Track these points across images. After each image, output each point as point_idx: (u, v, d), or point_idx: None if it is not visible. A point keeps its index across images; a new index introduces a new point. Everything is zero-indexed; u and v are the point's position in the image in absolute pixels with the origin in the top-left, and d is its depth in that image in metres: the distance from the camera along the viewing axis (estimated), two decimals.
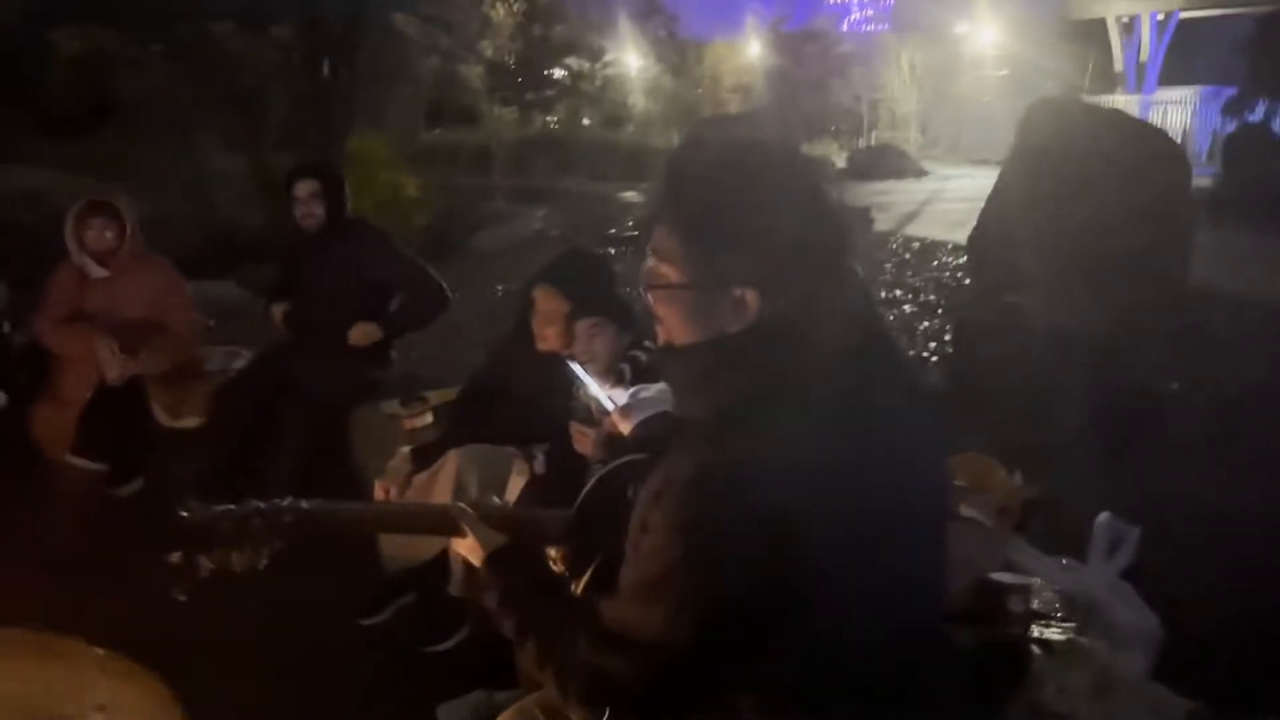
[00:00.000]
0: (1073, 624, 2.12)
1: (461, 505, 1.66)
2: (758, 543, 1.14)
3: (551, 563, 1.66)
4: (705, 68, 23.70)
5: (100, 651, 2.84)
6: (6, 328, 4.15)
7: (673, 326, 1.32)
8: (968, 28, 20.56)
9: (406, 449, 3.29)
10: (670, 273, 1.30)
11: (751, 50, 22.46)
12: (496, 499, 2.03)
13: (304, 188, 4.03)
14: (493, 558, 1.55)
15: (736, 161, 1.30)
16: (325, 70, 11.21)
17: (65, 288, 4.03)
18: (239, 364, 4.28)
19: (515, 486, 3.05)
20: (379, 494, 3.21)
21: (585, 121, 22.05)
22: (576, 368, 2.29)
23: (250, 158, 11.02)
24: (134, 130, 10.72)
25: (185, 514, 1.48)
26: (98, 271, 4.00)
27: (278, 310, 4.19)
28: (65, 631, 2.89)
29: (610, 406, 2.13)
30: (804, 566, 1.15)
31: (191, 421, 4.05)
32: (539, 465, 3.00)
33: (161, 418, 4.08)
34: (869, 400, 1.26)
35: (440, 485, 3.15)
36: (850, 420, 1.22)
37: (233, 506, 1.56)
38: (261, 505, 1.58)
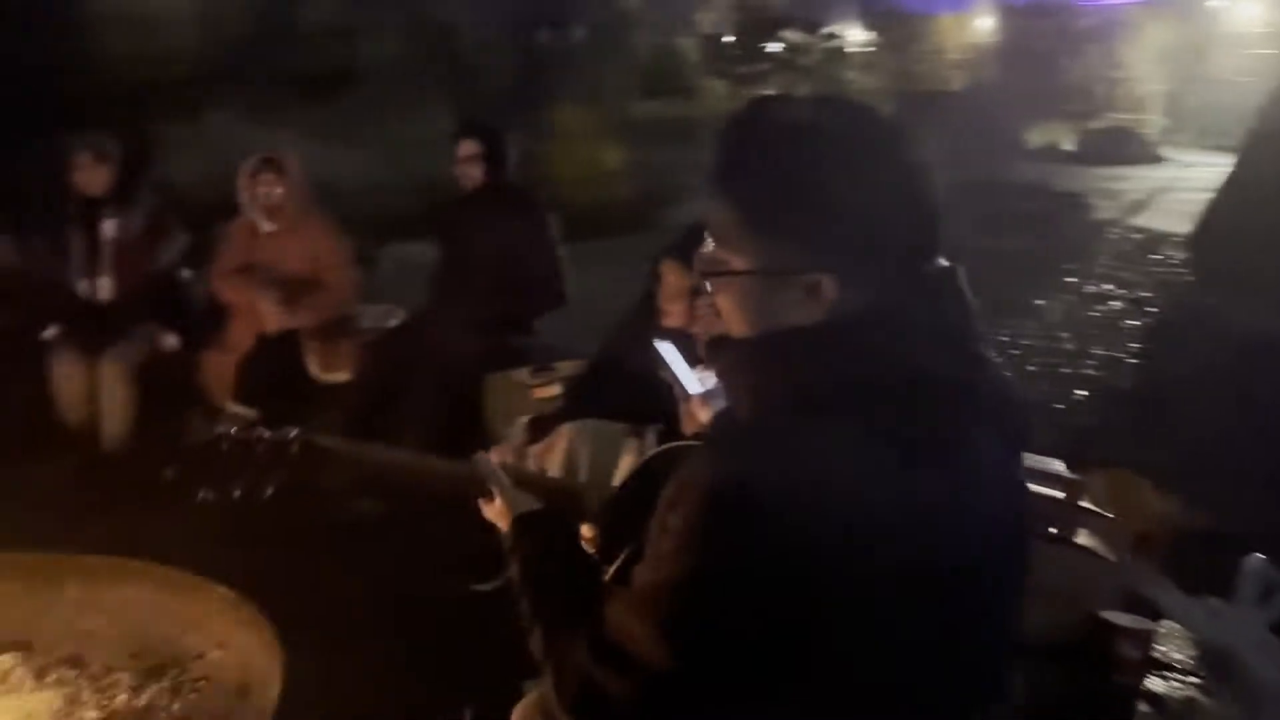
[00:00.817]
0: (1198, 680, 1.82)
1: (491, 462, 1.56)
2: (771, 575, 0.99)
3: (586, 544, 1.55)
4: (929, 42, 22.72)
5: (222, 590, 2.99)
6: (187, 275, 4.41)
7: (732, 318, 1.16)
8: (1226, 1, 18.76)
9: (525, 418, 3.26)
10: (730, 258, 1.13)
11: (980, 25, 21.35)
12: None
13: (465, 148, 4.07)
14: (519, 522, 1.44)
15: (809, 123, 1.11)
16: (542, 40, 11.44)
17: (237, 240, 4.26)
18: (392, 322, 4.39)
19: (626, 465, 2.96)
20: (495, 460, 3.19)
21: None
22: (665, 347, 2.17)
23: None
24: (367, 96, 11.30)
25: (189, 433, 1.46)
26: (266, 225, 4.20)
27: None
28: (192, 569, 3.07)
29: (694, 390, 2.01)
30: (826, 612, 0.99)
31: (342, 376, 4.18)
32: (650, 444, 2.90)
33: (315, 370, 4.24)
34: (943, 433, 1.06)
35: (553, 458, 3.10)
36: (913, 453, 1.03)
37: (234, 429, 1.51)
38: (266, 433, 1.53)
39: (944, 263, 1.13)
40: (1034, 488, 2.46)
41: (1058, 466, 2.45)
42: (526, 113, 10.63)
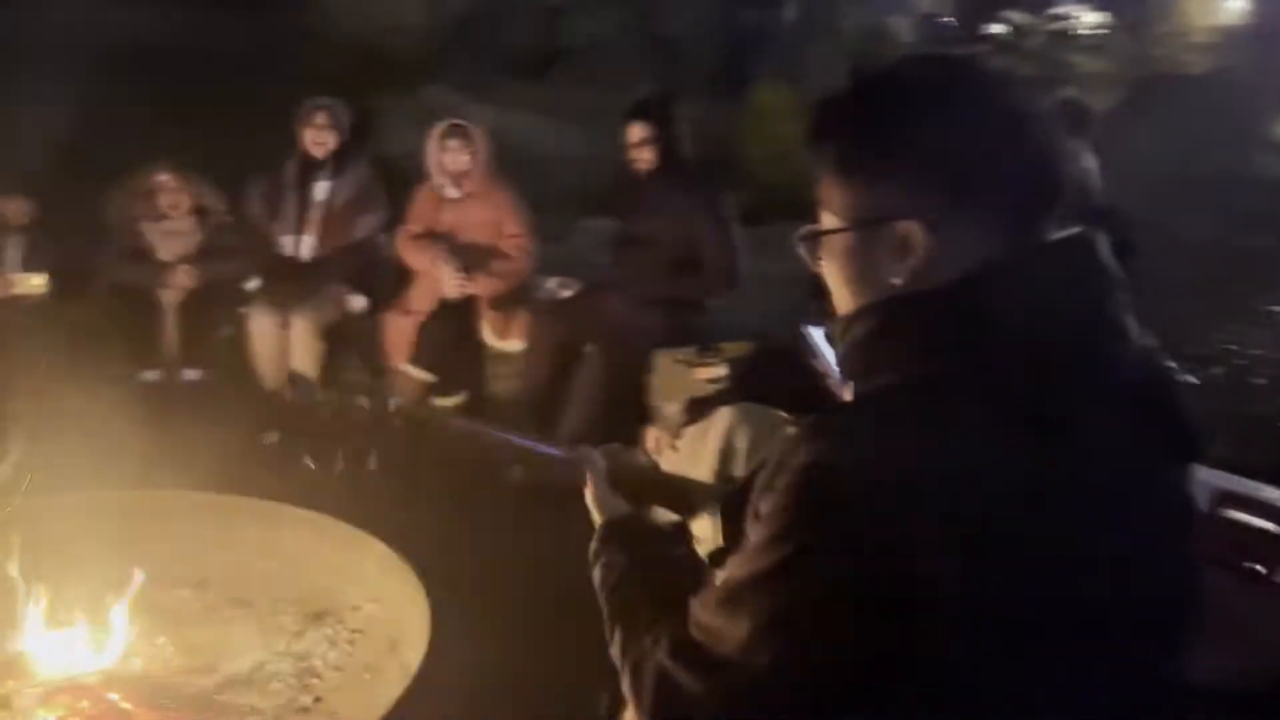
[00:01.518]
0: None
1: (594, 455, 1.49)
2: (864, 567, 0.88)
3: (694, 543, 1.46)
4: (1170, 24, 21.01)
5: (381, 547, 3.07)
6: (384, 240, 4.57)
7: (837, 290, 1.07)
8: None
9: (685, 398, 3.17)
10: (828, 220, 1.05)
11: (1231, 6, 19.56)
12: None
13: (634, 132, 4.00)
14: (604, 528, 1.37)
15: (898, 73, 1.04)
16: (750, 19, 11.31)
17: (422, 206, 4.37)
18: (566, 294, 4.39)
19: None
20: (649, 442, 3.13)
21: None
22: (813, 332, 2.03)
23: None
24: (575, 73, 11.50)
25: (288, 396, 1.45)
26: (451, 192, 4.28)
27: None
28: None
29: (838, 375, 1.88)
30: (929, 609, 0.87)
31: (516, 344, 4.23)
32: None
33: (489, 338, 4.31)
34: (1052, 410, 0.92)
35: (710, 441, 2.99)
36: (1018, 431, 0.90)
37: (336, 394, 1.49)
38: (366, 402, 1.50)
39: (1076, 230, 1.00)
40: (1238, 515, 2.18)
41: (1274, 495, 2.15)
42: (731, 91, 10.52)
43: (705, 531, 1.48)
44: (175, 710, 2.46)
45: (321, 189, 4.38)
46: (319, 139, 4.39)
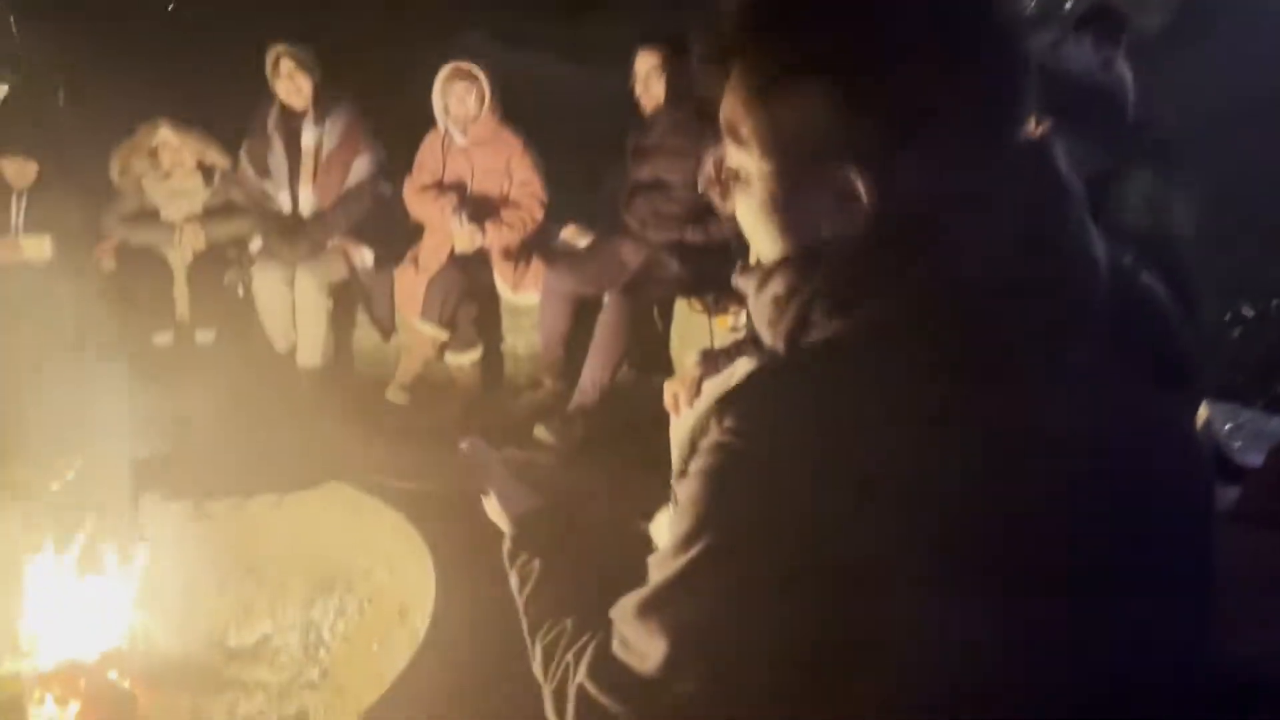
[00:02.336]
0: None
1: (484, 448, 1.29)
2: (789, 563, 0.74)
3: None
4: None
5: (394, 515, 2.98)
6: (388, 190, 4.41)
7: (752, 234, 0.90)
8: None
9: (702, 349, 3.02)
10: (743, 157, 0.87)
11: None
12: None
13: (643, 60, 3.81)
14: (517, 525, 1.19)
15: None
16: None
17: (430, 154, 4.21)
18: (583, 243, 4.23)
19: None
20: (666, 397, 2.99)
21: None
22: None
23: None
24: (611, 20, 11.20)
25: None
26: (459, 139, 4.11)
27: None
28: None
29: None
30: (855, 601, 0.74)
31: (531, 296, 4.08)
32: None
33: (503, 291, 4.16)
34: (1011, 357, 0.77)
35: None
36: (970, 399, 0.75)
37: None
38: None
39: (1032, 139, 0.84)
40: None
41: None
42: None
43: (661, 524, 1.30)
44: (179, 687, 2.39)
45: (309, 136, 4.23)
46: (292, 87, 4.22)
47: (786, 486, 0.74)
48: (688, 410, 2.95)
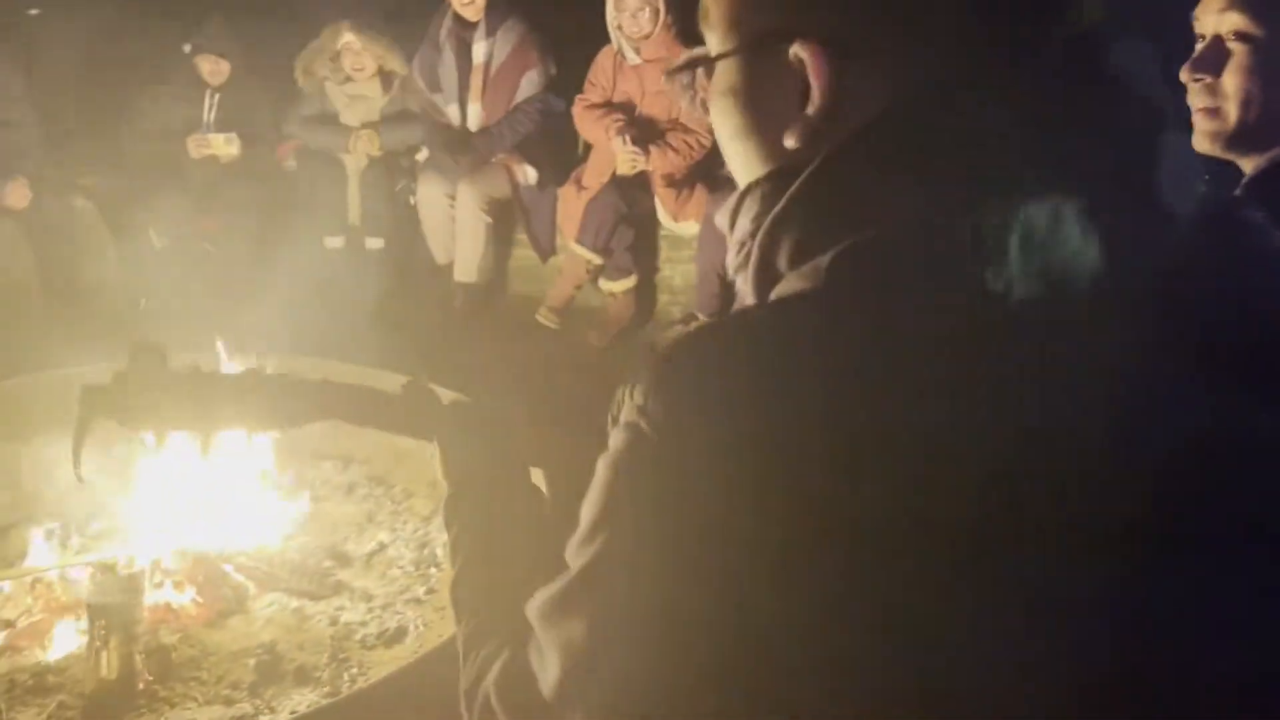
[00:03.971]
0: None
1: (431, 391, 1.08)
2: (691, 580, 0.59)
3: None
4: None
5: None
6: (560, 107, 4.32)
7: (727, 155, 0.73)
8: None
9: None
10: (711, 41, 0.72)
11: None
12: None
13: None
14: (459, 488, 1.00)
15: None
16: None
17: (601, 72, 4.08)
18: None
19: None
20: None
21: None
22: None
23: None
24: None
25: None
26: (631, 57, 3.95)
27: None
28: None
29: None
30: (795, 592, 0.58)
31: (691, 226, 3.92)
32: None
33: (663, 218, 4.01)
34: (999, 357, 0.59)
35: None
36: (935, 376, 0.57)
37: None
38: None
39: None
40: None
41: None
42: None
43: None
44: (288, 585, 2.42)
45: (479, 50, 4.16)
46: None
47: (697, 492, 0.57)
48: None
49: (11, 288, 3.99)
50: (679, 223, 3.98)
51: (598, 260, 3.90)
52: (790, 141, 0.66)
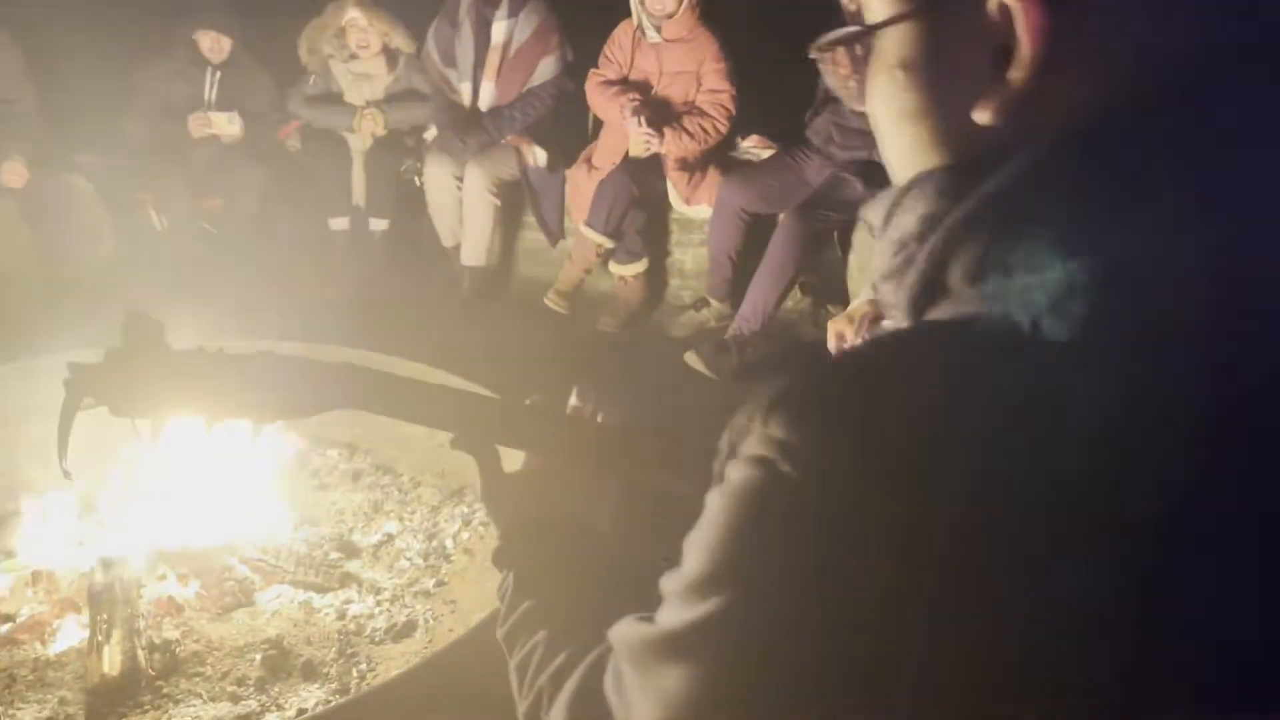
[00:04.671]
0: None
1: (492, 398, 0.99)
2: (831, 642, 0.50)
3: None
4: None
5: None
6: (570, 87, 4.22)
7: (889, 141, 0.61)
8: None
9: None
10: (874, 4, 0.58)
11: None
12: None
13: None
14: (511, 537, 0.92)
15: None
16: None
17: (618, 48, 3.98)
18: (765, 155, 3.92)
19: None
20: (830, 337, 2.70)
21: None
22: None
23: None
24: None
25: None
26: (652, 34, 3.85)
27: None
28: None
29: None
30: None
31: (703, 210, 3.83)
32: None
33: (674, 201, 3.93)
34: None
35: None
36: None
37: None
38: None
39: None
40: None
41: None
42: None
43: None
44: (294, 577, 2.35)
45: (500, 29, 4.05)
46: None
47: (850, 545, 0.48)
48: None
49: (8, 268, 3.92)
50: (691, 206, 3.89)
51: (608, 243, 3.81)
52: (983, 115, 0.53)
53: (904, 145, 0.59)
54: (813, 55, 0.62)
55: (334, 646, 2.09)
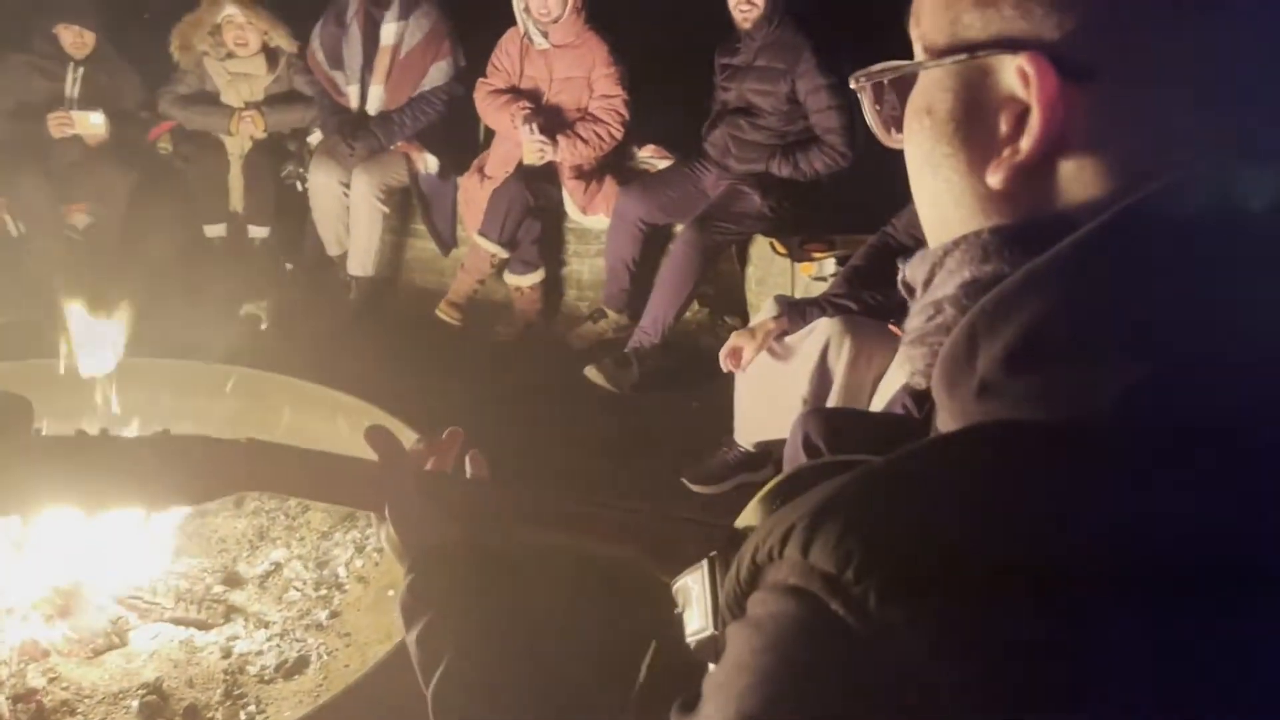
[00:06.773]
0: None
1: (394, 443, 0.88)
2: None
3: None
4: None
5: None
6: (460, 92, 4.10)
7: (919, 200, 0.58)
8: None
9: (782, 300, 2.70)
10: (918, 42, 0.57)
11: None
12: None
13: None
14: (413, 569, 0.84)
15: None
16: None
17: (505, 56, 3.89)
18: (661, 165, 3.88)
19: (894, 383, 2.35)
20: (725, 348, 2.68)
21: None
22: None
23: None
24: None
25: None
26: (539, 41, 3.77)
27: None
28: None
29: None
30: None
31: (600, 220, 3.78)
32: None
33: (570, 211, 3.86)
34: None
35: (802, 354, 2.56)
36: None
37: None
38: None
39: None
40: None
41: None
42: None
43: (694, 602, 0.72)
44: (173, 614, 2.21)
45: (389, 32, 3.92)
46: None
47: (891, 678, 0.41)
48: (745, 371, 2.63)
49: None
50: (588, 215, 3.83)
51: (503, 253, 3.72)
52: (994, 179, 0.52)
53: (927, 195, 0.56)
54: (852, 85, 0.59)
55: (219, 688, 1.97)
